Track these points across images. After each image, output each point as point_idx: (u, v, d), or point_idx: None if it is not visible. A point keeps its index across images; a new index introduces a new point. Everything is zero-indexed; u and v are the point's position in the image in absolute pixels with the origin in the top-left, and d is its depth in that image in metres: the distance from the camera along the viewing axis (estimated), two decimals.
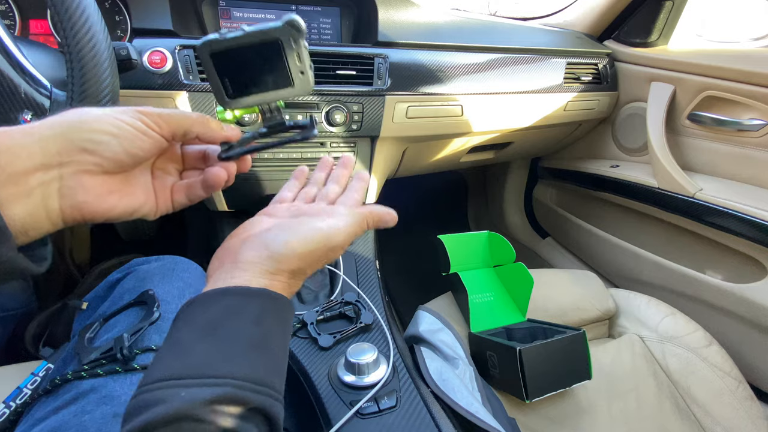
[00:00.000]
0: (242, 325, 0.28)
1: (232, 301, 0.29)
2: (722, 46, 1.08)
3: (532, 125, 1.03)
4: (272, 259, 0.31)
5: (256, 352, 0.28)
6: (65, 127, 0.28)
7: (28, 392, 0.48)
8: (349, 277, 0.72)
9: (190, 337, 0.27)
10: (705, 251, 0.97)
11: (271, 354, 0.29)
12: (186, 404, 0.24)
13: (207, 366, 0.26)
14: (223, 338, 0.27)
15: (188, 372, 0.26)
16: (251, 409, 0.26)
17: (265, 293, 0.30)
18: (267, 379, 0.27)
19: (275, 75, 0.34)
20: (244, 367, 0.27)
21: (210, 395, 0.25)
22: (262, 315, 0.29)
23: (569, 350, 0.65)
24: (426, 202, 1.70)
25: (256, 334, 0.28)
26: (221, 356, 0.27)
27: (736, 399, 0.70)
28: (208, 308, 0.29)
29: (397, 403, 0.53)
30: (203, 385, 0.25)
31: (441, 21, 0.91)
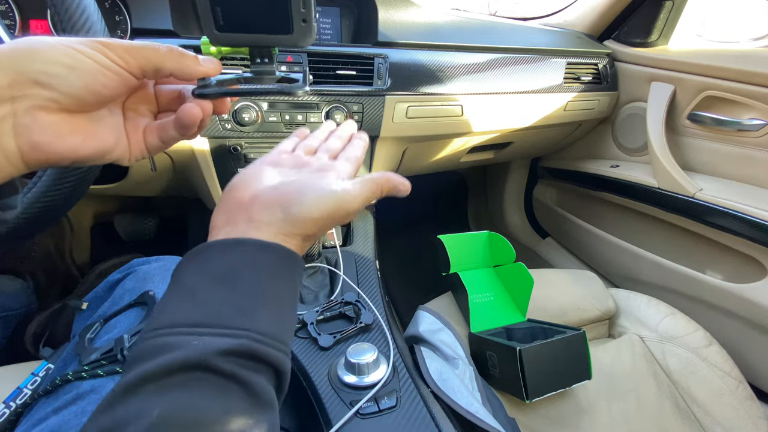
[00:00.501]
0: (259, 278, 0.28)
1: (248, 252, 0.28)
2: (722, 46, 1.08)
3: (532, 125, 1.03)
4: (288, 222, 0.30)
5: (270, 306, 0.27)
6: (15, 58, 0.25)
7: (28, 392, 0.48)
8: (349, 277, 0.72)
9: (204, 284, 0.27)
10: (705, 251, 0.97)
11: (284, 310, 0.29)
12: (200, 353, 0.23)
13: (224, 316, 0.26)
14: (239, 289, 0.27)
15: (203, 320, 0.25)
16: (264, 363, 0.26)
17: (281, 248, 0.29)
18: (280, 334, 0.27)
19: (274, 17, 0.31)
20: (260, 320, 0.26)
21: (226, 345, 0.24)
22: (277, 270, 0.29)
23: (569, 350, 0.65)
24: (426, 202, 1.70)
25: (270, 288, 0.28)
26: (238, 308, 0.26)
27: (736, 399, 0.70)
28: (224, 256, 0.28)
29: (397, 403, 0.53)
30: (219, 335, 0.25)
31: (441, 21, 0.91)
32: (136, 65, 0.29)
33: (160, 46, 0.30)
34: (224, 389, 0.24)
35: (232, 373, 0.24)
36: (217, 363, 0.24)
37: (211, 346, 0.24)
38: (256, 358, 0.25)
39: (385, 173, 0.37)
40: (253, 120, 0.72)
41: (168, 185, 0.88)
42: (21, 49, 0.25)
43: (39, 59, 0.25)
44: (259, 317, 0.26)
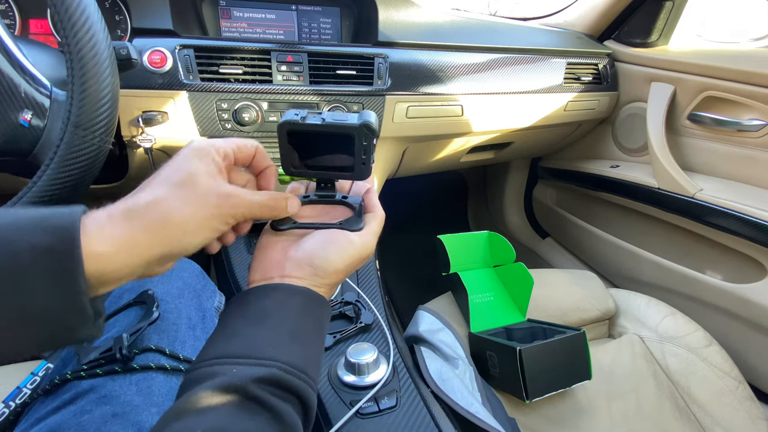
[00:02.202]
0: (287, 316, 0.32)
1: (280, 295, 0.33)
2: (722, 46, 1.08)
3: (532, 125, 1.03)
4: (317, 275, 0.35)
5: (298, 341, 0.31)
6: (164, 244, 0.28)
7: (28, 392, 0.48)
8: (349, 277, 0.72)
9: (242, 323, 0.31)
10: (705, 251, 0.97)
11: (310, 345, 0.32)
12: (239, 379, 0.27)
13: (256, 349, 0.29)
14: (270, 326, 0.31)
15: (239, 352, 0.29)
16: (290, 391, 0.29)
17: (308, 291, 0.34)
18: (305, 367, 0.30)
19: (339, 160, 0.38)
20: (288, 353, 0.30)
21: (258, 374, 0.28)
22: (305, 310, 0.33)
23: (569, 350, 0.65)
24: (426, 202, 1.70)
25: (299, 326, 0.32)
26: (269, 342, 0.30)
27: (736, 399, 0.70)
28: (259, 300, 0.32)
29: (397, 403, 0.53)
30: (253, 364, 0.28)
31: (441, 21, 0.91)
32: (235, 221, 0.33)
33: (265, 203, 0.34)
34: (255, 413, 0.27)
35: (263, 399, 0.27)
36: (251, 389, 0.27)
37: (248, 374, 0.27)
38: (283, 387, 0.29)
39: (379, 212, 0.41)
40: (253, 120, 0.72)
41: None
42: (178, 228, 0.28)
43: (188, 247, 0.29)
44: (286, 350, 0.30)
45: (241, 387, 0.27)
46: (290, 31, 0.85)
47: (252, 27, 0.83)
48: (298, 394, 0.29)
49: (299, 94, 0.75)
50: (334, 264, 0.35)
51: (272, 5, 0.83)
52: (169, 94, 0.68)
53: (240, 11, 0.82)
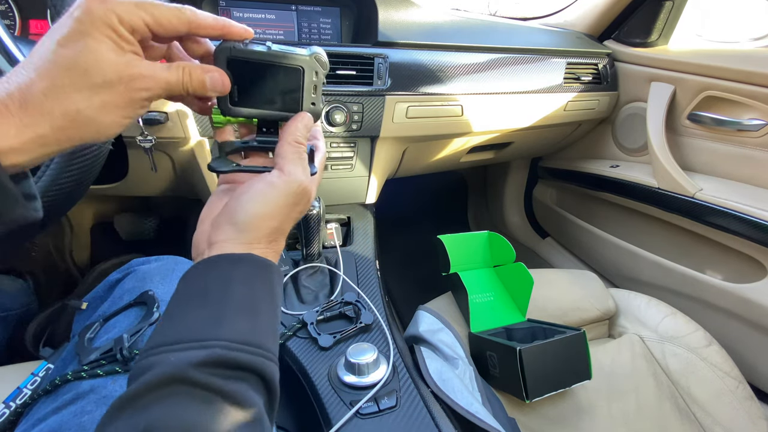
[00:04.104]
0: (230, 289, 0.28)
1: (219, 268, 0.29)
2: (722, 46, 1.08)
3: (532, 125, 1.03)
4: (242, 232, 0.31)
5: (245, 314, 0.28)
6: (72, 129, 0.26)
7: (28, 392, 0.48)
8: (349, 277, 0.72)
9: (182, 306, 0.28)
10: (705, 251, 0.97)
11: (261, 316, 0.29)
12: (176, 367, 0.24)
13: (196, 331, 0.26)
14: (212, 303, 0.28)
15: (178, 338, 0.26)
16: (243, 369, 0.26)
17: (249, 257, 0.30)
18: (257, 340, 0.28)
19: (286, 98, 0.34)
20: (232, 329, 0.27)
21: (198, 357, 0.25)
22: (248, 279, 0.29)
23: (569, 350, 0.65)
24: (426, 202, 1.70)
25: (244, 297, 0.29)
26: (210, 321, 0.27)
27: (736, 399, 0.70)
28: (196, 277, 0.29)
29: (397, 403, 0.53)
30: (191, 348, 0.25)
31: (441, 21, 0.91)
32: None
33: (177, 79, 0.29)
34: (204, 400, 0.24)
35: (208, 383, 0.25)
36: (192, 375, 0.24)
37: (186, 360, 0.25)
38: (231, 366, 0.26)
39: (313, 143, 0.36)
40: None
41: (168, 185, 0.88)
42: (87, 120, 0.26)
43: (102, 136, 0.27)
44: (230, 326, 0.27)
45: (180, 375, 0.24)
46: (290, 32, 0.85)
47: (252, 27, 0.83)
48: (253, 370, 0.27)
49: None
50: (256, 213, 0.31)
51: (272, 5, 0.83)
52: None
53: (240, 11, 0.82)
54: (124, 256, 1.07)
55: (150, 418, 0.23)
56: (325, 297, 0.71)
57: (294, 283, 0.72)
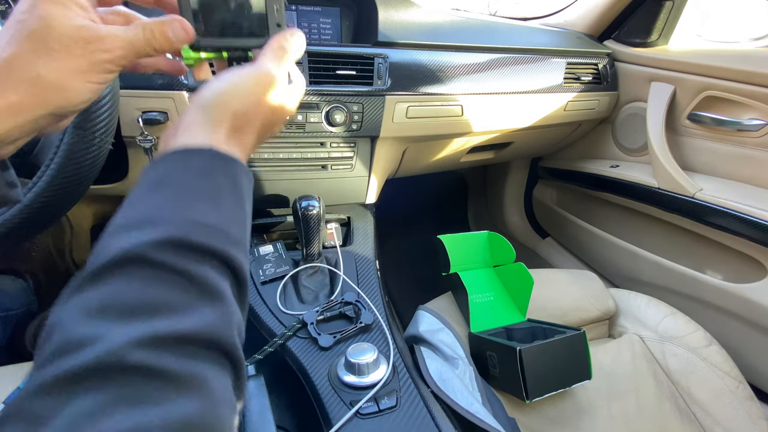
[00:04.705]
0: (186, 177, 0.27)
1: (177, 159, 0.28)
2: (722, 46, 1.08)
3: (532, 125, 1.03)
4: (205, 110, 0.30)
5: (203, 200, 0.27)
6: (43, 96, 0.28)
7: None
8: (349, 277, 0.72)
9: (140, 194, 0.27)
10: (705, 251, 0.97)
11: (224, 205, 0.28)
12: (132, 245, 0.23)
13: (152, 215, 0.25)
14: (168, 192, 0.27)
15: (135, 221, 0.25)
16: (204, 252, 0.25)
17: (208, 150, 0.29)
18: (219, 225, 0.27)
19: (252, 23, 0.34)
20: (191, 211, 0.26)
21: (154, 237, 0.24)
22: (207, 169, 0.28)
23: (569, 350, 0.65)
24: (426, 202, 1.70)
25: (202, 185, 0.28)
26: (167, 204, 0.26)
27: (736, 399, 0.70)
28: (156, 168, 0.28)
29: (397, 403, 0.53)
30: (146, 229, 0.24)
31: (441, 21, 0.91)
32: None
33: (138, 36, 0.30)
34: (162, 279, 0.23)
35: (165, 262, 0.24)
36: (148, 253, 0.23)
37: (141, 240, 0.24)
38: (193, 248, 0.25)
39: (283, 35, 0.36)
40: None
41: None
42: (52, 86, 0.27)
43: (73, 103, 0.28)
44: (191, 210, 0.26)
45: (136, 254, 0.23)
46: None
47: None
48: (215, 254, 0.26)
49: None
50: (219, 89, 0.31)
51: None
52: (169, 94, 0.68)
53: None
54: None
55: (105, 294, 0.22)
56: (325, 297, 0.71)
57: (294, 283, 0.72)
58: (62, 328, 0.21)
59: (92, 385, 0.19)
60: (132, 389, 0.20)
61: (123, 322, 0.21)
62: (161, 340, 0.21)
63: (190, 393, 0.21)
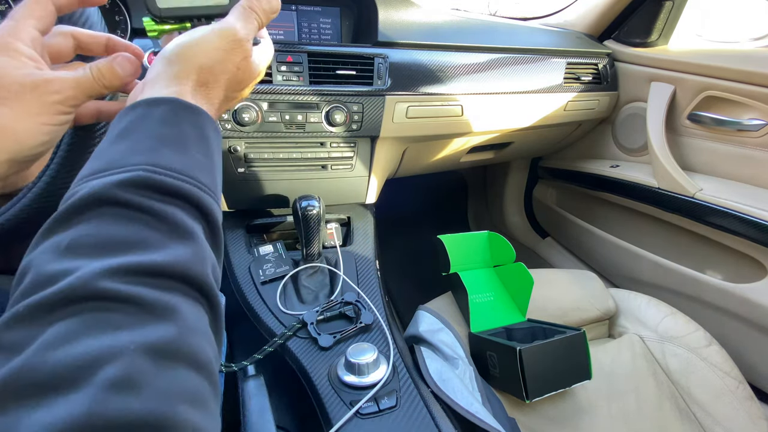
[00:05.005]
0: (151, 125, 0.27)
1: (141, 109, 0.28)
2: (722, 46, 1.08)
3: (532, 125, 1.03)
4: (170, 63, 0.30)
5: (168, 147, 0.27)
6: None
7: None
8: (349, 277, 0.72)
9: (103, 147, 0.27)
10: (705, 251, 0.97)
11: (191, 152, 0.28)
12: (99, 188, 0.24)
13: (117, 161, 0.26)
14: (133, 139, 0.27)
15: (101, 167, 0.25)
16: (174, 195, 0.25)
17: (173, 99, 0.29)
18: (187, 171, 0.27)
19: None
20: (157, 156, 0.26)
21: (119, 179, 0.24)
22: (172, 118, 0.28)
23: (569, 350, 0.65)
24: (426, 202, 1.70)
25: (168, 133, 0.28)
26: (132, 151, 0.26)
27: (736, 399, 0.70)
28: (120, 120, 0.28)
29: (397, 403, 0.53)
30: (113, 174, 0.25)
31: (441, 21, 0.91)
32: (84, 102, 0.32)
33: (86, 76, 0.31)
34: (132, 218, 0.24)
35: (134, 202, 0.24)
36: (117, 194, 0.24)
37: (109, 182, 0.24)
38: (160, 190, 0.25)
39: None
40: (252, 120, 0.72)
41: None
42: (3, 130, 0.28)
43: (26, 147, 0.29)
44: (157, 155, 0.26)
45: (103, 195, 0.23)
46: (290, 32, 0.85)
47: None
48: (185, 197, 0.26)
49: (299, 94, 0.75)
50: (184, 43, 0.31)
51: None
52: None
53: None
54: None
55: (74, 234, 0.22)
56: (325, 297, 0.71)
57: (294, 283, 0.72)
58: (34, 268, 0.21)
59: (65, 313, 0.19)
60: (105, 315, 0.20)
61: (94, 257, 0.21)
62: (133, 270, 0.21)
63: (163, 319, 0.21)
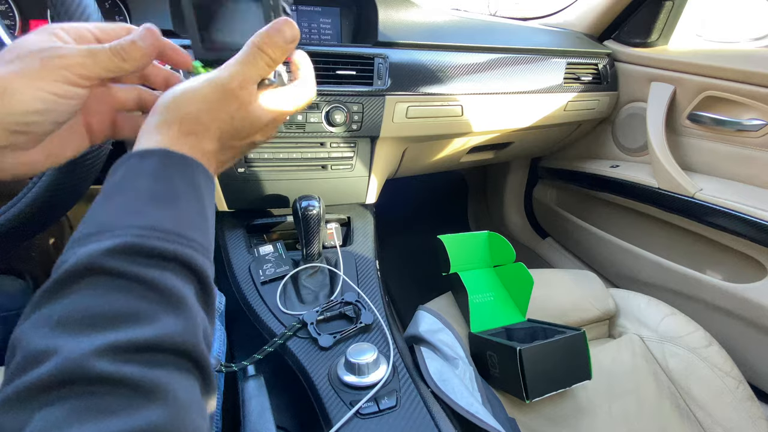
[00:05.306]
0: (141, 182, 0.27)
1: (132, 161, 0.28)
2: (722, 46, 1.08)
3: (532, 125, 1.03)
4: (158, 112, 0.30)
5: (159, 205, 0.26)
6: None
7: None
8: (349, 277, 0.72)
9: (96, 205, 0.27)
10: (705, 251, 0.97)
11: (181, 207, 0.27)
12: (86, 257, 0.23)
13: (107, 224, 0.25)
14: (123, 197, 0.27)
15: (90, 231, 0.25)
16: (162, 257, 0.25)
17: (162, 151, 0.28)
18: (176, 229, 0.26)
19: (251, 25, 0.34)
20: (144, 217, 0.26)
21: (107, 246, 0.24)
22: (162, 172, 0.28)
23: (569, 350, 0.65)
24: (426, 202, 1.70)
25: (157, 189, 0.27)
26: (119, 212, 0.26)
27: (736, 399, 0.70)
28: (114, 173, 0.28)
29: (397, 403, 0.53)
30: (101, 239, 0.24)
31: (441, 21, 0.91)
32: (95, 78, 0.30)
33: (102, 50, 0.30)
34: (121, 287, 0.23)
35: (123, 270, 0.23)
36: (105, 263, 0.23)
37: (96, 250, 0.24)
38: (146, 254, 0.24)
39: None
40: None
41: None
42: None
43: (15, 110, 0.27)
44: (143, 215, 0.26)
45: (92, 264, 0.23)
46: None
47: None
48: (174, 258, 0.25)
49: None
50: (173, 92, 0.30)
51: None
52: None
53: None
54: None
55: (63, 307, 0.22)
56: (325, 297, 0.71)
57: (294, 283, 0.72)
58: (23, 343, 0.21)
59: (54, 397, 0.19)
60: (94, 399, 0.20)
61: (82, 333, 0.21)
62: (123, 348, 0.21)
63: (154, 401, 0.21)
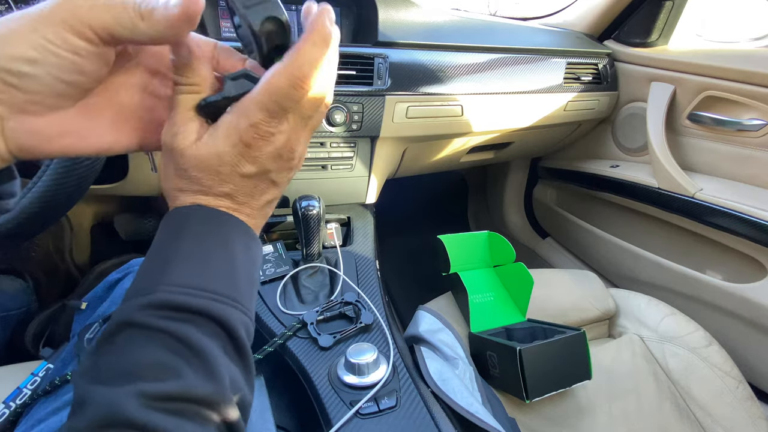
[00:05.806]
0: (172, 240, 0.28)
1: (168, 223, 0.29)
2: (722, 46, 1.08)
3: (532, 125, 1.03)
4: (172, 161, 0.29)
5: (191, 262, 0.27)
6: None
7: (28, 393, 0.48)
8: (349, 277, 0.72)
9: (147, 258, 0.29)
10: (705, 251, 0.97)
11: (212, 264, 0.28)
12: (123, 314, 0.26)
13: (143, 282, 0.27)
14: (159, 257, 0.28)
15: (130, 293, 0.27)
16: (189, 311, 0.26)
17: (198, 210, 0.29)
18: (205, 285, 0.27)
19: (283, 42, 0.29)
20: (176, 275, 0.27)
21: (142, 302, 0.26)
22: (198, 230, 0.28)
23: (569, 350, 0.65)
24: (426, 202, 1.70)
25: (191, 247, 0.28)
26: (155, 271, 0.27)
27: (736, 399, 0.70)
28: (158, 235, 0.30)
29: (397, 403, 0.53)
30: (138, 296, 0.26)
31: (441, 21, 0.91)
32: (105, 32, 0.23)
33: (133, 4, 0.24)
34: (149, 340, 0.25)
35: (149, 323, 0.25)
36: (135, 317, 0.25)
37: (132, 306, 0.26)
38: (175, 308, 0.26)
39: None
40: None
41: None
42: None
43: (3, 53, 0.22)
44: (176, 273, 0.27)
45: (125, 320, 0.25)
46: None
47: None
48: (201, 312, 0.26)
49: None
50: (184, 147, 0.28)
51: None
52: None
53: None
54: (124, 256, 1.07)
55: (99, 364, 0.25)
56: (325, 297, 0.71)
57: (294, 283, 0.72)
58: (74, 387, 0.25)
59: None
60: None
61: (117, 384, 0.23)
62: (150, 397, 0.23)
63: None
